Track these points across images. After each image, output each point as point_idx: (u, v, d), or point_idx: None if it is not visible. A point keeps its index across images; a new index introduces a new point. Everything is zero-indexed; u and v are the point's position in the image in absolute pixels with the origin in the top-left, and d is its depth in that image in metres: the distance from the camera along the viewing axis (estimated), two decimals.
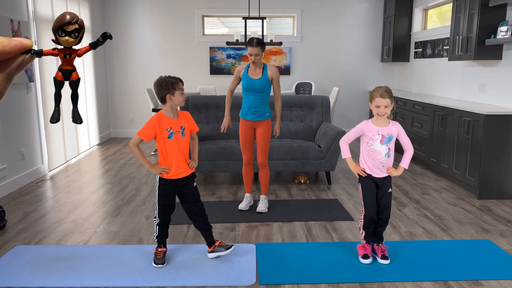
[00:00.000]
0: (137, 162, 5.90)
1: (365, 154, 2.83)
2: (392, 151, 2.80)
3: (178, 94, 2.66)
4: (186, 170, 2.77)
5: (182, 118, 2.74)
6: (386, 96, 2.70)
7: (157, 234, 2.86)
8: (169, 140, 2.67)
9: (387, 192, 2.85)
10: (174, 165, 2.71)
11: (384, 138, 2.76)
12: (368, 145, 2.80)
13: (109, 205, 4.13)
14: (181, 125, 2.72)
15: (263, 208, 3.87)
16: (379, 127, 2.77)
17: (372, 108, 2.76)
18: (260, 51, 3.58)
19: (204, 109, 5.23)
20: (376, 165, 2.80)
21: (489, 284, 2.63)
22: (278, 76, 3.71)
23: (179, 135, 2.70)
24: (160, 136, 2.66)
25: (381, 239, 2.94)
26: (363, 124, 2.83)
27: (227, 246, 2.91)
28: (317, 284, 2.62)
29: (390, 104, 2.71)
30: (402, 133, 2.82)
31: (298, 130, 5.21)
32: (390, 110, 2.75)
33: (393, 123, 2.81)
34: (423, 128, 5.55)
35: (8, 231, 3.47)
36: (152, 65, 7.83)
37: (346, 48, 7.89)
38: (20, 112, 4.75)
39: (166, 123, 2.66)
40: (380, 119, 2.77)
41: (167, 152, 2.69)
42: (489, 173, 4.27)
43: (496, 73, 4.82)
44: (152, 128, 2.64)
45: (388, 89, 2.73)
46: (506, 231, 3.48)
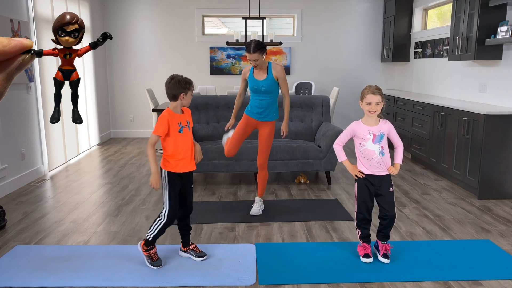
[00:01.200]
0: (137, 162, 5.90)
1: (360, 156, 2.84)
2: (386, 149, 2.81)
3: (190, 94, 2.78)
4: (193, 164, 2.85)
5: (186, 114, 2.85)
6: (377, 93, 2.72)
7: (154, 234, 2.80)
8: (180, 134, 2.76)
9: (388, 191, 2.85)
10: (185, 158, 2.78)
11: (375, 137, 2.77)
12: (361, 146, 2.81)
13: (109, 205, 4.14)
14: (187, 119, 2.82)
15: (257, 211, 3.82)
16: (369, 126, 2.79)
17: (363, 106, 2.78)
18: (260, 55, 3.47)
19: (204, 109, 5.23)
20: (373, 165, 2.80)
21: (489, 284, 2.63)
22: (283, 74, 3.63)
23: (187, 129, 2.80)
24: (172, 131, 2.74)
25: (387, 237, 2.94)
26: (353, 125, 2.85)
27: (200, 254, 2.91)
28: (317, 284, 2.62)
29: (381, 101, 2.73)
30: (392, 130, 2.84)
31: (298, 130, 5.21)
32: (381, 108, 2.76)
33: (383, 122, 2.82)
34: (423, 128, 5.55)
35: (8, 231, 3.47)
36: (152, 65, 7.83)
37: (346, 48, 7.89)
38: (20, 112, 4.75)
39: (176, 118, 2.76)
40: (371, 118, 2.78)
41: (179, 146, 2.76)
42: (489, 173, 4.27)
43: (496, 73, 4.82)
44: (166, 123, 2.73)
45: (379, 88, 2.77)
46: (506, 231, 3.48)
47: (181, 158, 2.77)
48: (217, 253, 3.02)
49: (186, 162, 2.79)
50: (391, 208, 2.85)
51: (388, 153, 2.84)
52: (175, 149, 2.76)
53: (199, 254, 2.92)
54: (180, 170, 2.79)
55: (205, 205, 4.12)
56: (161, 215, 2.81)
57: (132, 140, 7.67)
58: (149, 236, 2.81)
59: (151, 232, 2.81)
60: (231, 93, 6.01)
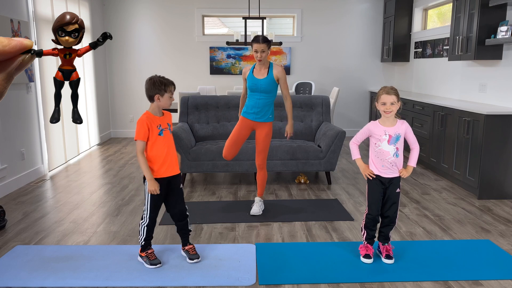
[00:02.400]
0: (137, 162, 5.90)
1: (373, 156, 2.82)
2: (400, 151, 2.79)
3: (167, 97, 2.69)
4: (176, 168, 2.79)
5: (167, 117, 2.80)
6: (392, 93, 2.71)
7: (144, 237, 2.80)
8: (160, 137, 2.70)
9: (395, 192, 2.84)
10: (166, 161, 2.72)
11: (391, 138, 2.76)
12: (376, 146, 2.80)
13: (109, 205, 4.13)
14: (167, 122, 2.78)
15: (257, 211, 3.81)
16: (386, 127, 2.77)
17: (379, 107, 2.76)
18: (266, 47, 3.53)
19: (204, 109, 5.23)
20: (385, 166, 2.79)
21: (489, 284, 2.63)
22: (284, 75, 3.63)
23: (168, 131, 2.75)
24: (151, 134, 2.68)
25: (387, 238, 2.94)
26: (370, 125, 2.83)
27: (192, 256, 2.88)
28: (317, 284, 2.62)
29: (396, 101, 2.72)
30: (409, 131, 2.81)
31: (298, 130, 5.21)
32: (397, 109, 2.75)
33: (401, 122, 2.80)
34: (423, 128, 5.55)
35: (8, 231, 3.47)
36: (152, 65, 7.83)
37: (346, 48, 7.89)
38: (20, 112, 4.75)
39: (155, 121, 2.70)
40: (387, 119, 2.77)
41: (159, 149, 2.70)
42: (489, 173, 4.27)
43: (496, 73, 4.82)
44: (145, 126, 2.66)
45: (394, 88, 2.76)
46: (506, 231, 3.48)
47: (162, 162, 2.70)
48: (217, 253, 3.02)
49: (168, 166, 2.73)
50: (394, 209, 2.85)
51: (402, 155, 2.82)
52: (156, 153, 2.69)
53: (190, 256, 2.88)
54: (163, 175, 2.73)
55: (205, 205, 4.12)
56: (143, 217, 2.80)
57: (132, 140, 7.67)
58: (141, 241, 2.82)
59: (140, 236, 2.83)
60: (231, 93, 6.00)
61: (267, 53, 3.57)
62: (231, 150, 3.74)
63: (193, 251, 2.91)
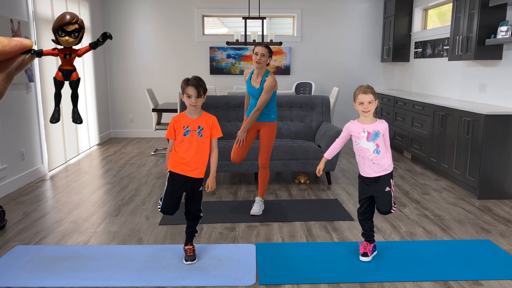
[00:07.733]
0: (137, 162, 5.90)
1: (356, 154, 2.86)
2: (381, 147, 2.76)
3: (185, 97, 2.75)
4: (198, 172, 2.80)
5: (203, 119, 2.81)
6: (368, 92, 2.71)
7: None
8: (185, 137, 2.75)
9: (384, 191, 2.82)
10: (188, 163, 2.76)
11: (370, 135, 2.75)
12: (356, 144, 2.82)
13: (109, 205, 4.13)
14: (199, 124, 2.78)
15: (258, 211, 3.81)
16: (364, 124, 2.78)
17: (357, 107, 2.77)
18: (267, 53, 3.54)
19: (204, 109, 5.19)
20: (367, 163, 2.78)
21: (489, 284, 2.63)
22: (269, 88, 3.56)
23: (195, 134, 2.76)
24: (178, 134, 2.76)
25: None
26: (349, 124, 2.86)
27: (187, 257, 2.87)
28: (317, 284, 2.62)
29: (373, 100, 2.71)
30: (387, 133, 2.82)
31: (298, 130, 5.21)
32: (375, 108, 2.75)
33: (380, 121, 2.80)
34: (423, 128, 5.55)
35: (8, 231, 3.47)
36: (152, 65, 7.83)
37: (346, 48, 7.89)
38: (20, 112, 4.75)
39: (184, 121, 2.77)
40: (366, 117, 2.78)
41: (182, 148, 2.75)
42: (489, 173, 4.27)
43: (496, 73, 4.82)
44: (171, 125, 2.77)
45: (370, 86, 2.76)
46: (506, 231, 3.48)
47: (182, 160, 2.76)
48: (217, 253, 3.02)
49: (188, 167, 2.77)
50: (385, 205, 2.81)
51: (385, 153, 2.78)
52: (178, 150, 2.77)
53: (186, 257, 2.88)
54: (178, 171, 2.77)
55: (205, 205, 4.10)
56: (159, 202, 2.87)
57: (132, 140, 7.67)
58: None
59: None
60: (231, 93, 6.00)
61: (266, 60, 3.56)
62: (239, 153, 3.79)
63: (190, 252, 2.90)
